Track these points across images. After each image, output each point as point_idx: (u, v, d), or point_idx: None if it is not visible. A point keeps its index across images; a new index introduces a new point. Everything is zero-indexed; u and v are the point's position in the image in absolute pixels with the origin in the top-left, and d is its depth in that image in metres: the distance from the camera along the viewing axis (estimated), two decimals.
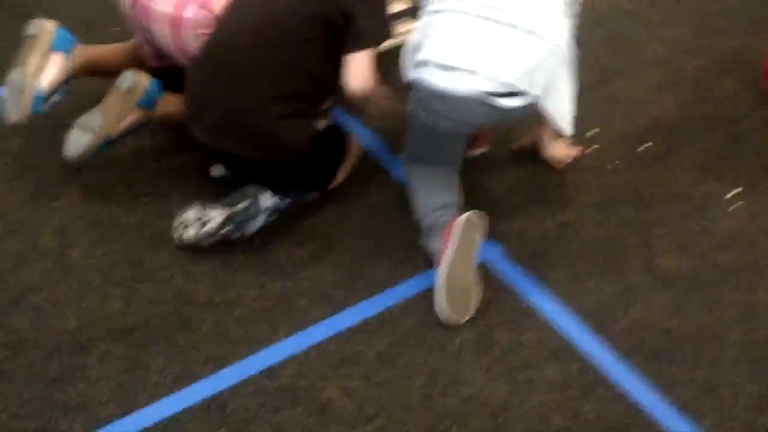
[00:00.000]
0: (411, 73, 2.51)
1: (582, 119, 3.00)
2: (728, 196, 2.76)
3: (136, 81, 2.68)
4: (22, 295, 2.48)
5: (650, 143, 2.94)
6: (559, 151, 2.84)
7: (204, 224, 2.55)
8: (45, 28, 2.75)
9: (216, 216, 2.55)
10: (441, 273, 2.43)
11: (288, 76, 2.52)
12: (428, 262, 2.54)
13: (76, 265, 2.56)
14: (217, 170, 2.74)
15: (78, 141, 2.67)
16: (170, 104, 2.75)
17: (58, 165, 2.82)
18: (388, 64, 2.71)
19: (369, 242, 2.64)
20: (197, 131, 2.61)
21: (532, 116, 2.66)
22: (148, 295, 2.49)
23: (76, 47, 2.80)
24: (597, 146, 2.93)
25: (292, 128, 2.55)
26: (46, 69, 2.73)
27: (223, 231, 2.55)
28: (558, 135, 2.79)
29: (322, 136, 2.64)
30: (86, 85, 2.92)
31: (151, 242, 2.62)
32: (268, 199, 2.58)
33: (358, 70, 2.51)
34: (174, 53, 2.78)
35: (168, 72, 2.85)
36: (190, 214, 2.57)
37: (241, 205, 2.56)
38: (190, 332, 2.40)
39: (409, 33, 2.62)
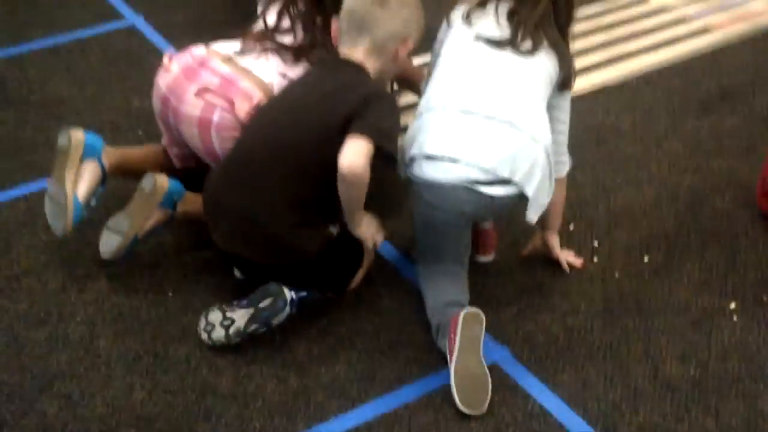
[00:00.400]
0: (405, 170, 2.69)
1: (584, 231, 3.17)
2: (728, 308, 2.89)
3: (157, 183, 2.82)
4: (51, 383, 2.56)
5: (650, 256, 3.08)
6: (566, 255, 2.99)
7: (228, 327, 2.64)
8: (75, 140, 2.86)
9: (240, 317, 2.64)
10: (452, 369, 2.54)
11: (301, 185, 2.65)
12: (442, 360, 2.64)
13: (102, 354, 2.66)
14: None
15: (109, 243, 2.83)
16: (191, 203, 2.88)
17: (85, 259, 2.93)
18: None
19: (383, 342, 2.75)
20: (215, 236, 2.74)
21: (537, 223, 2.80)
22: (171, 385, 2.58)
23: (105, 149, 2.94)
24: (598, 258, 3.07)
25: (305, 236, 2.68)
26: (82, 179, 2.86)
27: (251, 329, 2.65)
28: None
29: (335, 242, 2.76)
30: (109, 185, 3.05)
31: (174, 335, 2.72)
32: (289, 294, 2.68)
33: (351, 151, 2.55)
34: (202, 154, 2.92)
35: (194, 172, 2.99)
36: (212, 317, 2.66)
37: (265, 303, 2.66)
38: (212, 422, 2.48)
39: None
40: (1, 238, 3.05)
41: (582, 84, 3.91)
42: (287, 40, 2.97)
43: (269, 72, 2.92)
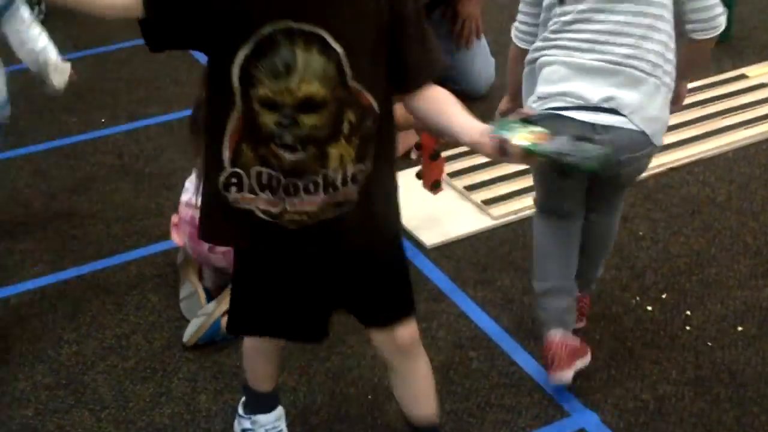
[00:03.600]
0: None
1: (677, 300, 3.18)
2: None
3: None
4: None
5: (744, 326, 3.08)
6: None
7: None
8: None
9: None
10: None
11: None
12: (531, 420, 2.69)
13: (203, 409, 2.78)
14: None
15: (192, 325, 2.98)
16: None
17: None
18: None
19: (471, 404, 2.80)
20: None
21: None
22: None
23: None
24: (691, 327, 3.07)
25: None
26: None
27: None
28: None
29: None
30: None
31: None
32: None
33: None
34: None
35: None
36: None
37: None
38: None
39: None
40: (113, 298, 3.23)
41: (678, 155, 3.95)
42: None
43: None
